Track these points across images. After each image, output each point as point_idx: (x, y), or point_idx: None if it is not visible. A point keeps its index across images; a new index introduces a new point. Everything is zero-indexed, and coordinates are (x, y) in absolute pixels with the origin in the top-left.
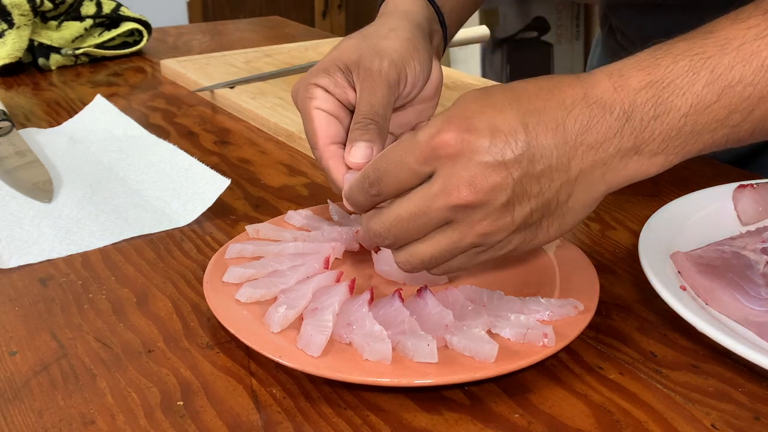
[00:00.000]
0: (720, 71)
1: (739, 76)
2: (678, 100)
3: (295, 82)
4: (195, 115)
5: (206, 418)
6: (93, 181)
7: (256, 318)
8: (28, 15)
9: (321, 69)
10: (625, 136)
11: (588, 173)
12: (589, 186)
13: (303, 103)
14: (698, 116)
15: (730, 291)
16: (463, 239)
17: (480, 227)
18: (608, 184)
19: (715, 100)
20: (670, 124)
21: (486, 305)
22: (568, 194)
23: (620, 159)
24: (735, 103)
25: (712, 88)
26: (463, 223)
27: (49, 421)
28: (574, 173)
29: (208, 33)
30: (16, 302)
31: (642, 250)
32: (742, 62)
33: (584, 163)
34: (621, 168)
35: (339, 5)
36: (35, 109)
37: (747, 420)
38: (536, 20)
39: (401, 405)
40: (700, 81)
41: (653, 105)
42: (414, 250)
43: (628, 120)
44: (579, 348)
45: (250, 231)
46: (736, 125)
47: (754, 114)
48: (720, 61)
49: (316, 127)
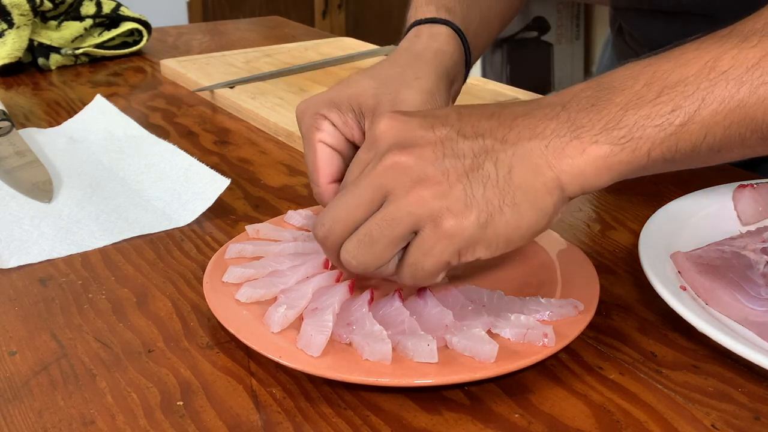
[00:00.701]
0: (659, 75)
1: (678, 78)
2: (617, 97)
3: (302, 103)
4: (195, 115)
5: (206, 418)
6: (93, 181)
7: (256, 318)
8: (28, 15)
9: (333, 102)
10: (561, 121)
11: (526, 149)
12: (533, 165)
13: (308, 131)
14: (638, 110)
15: (731, 291)
16: (399, 208)
17: (414, 191)
18: (555, 171)
19: (654, 96)
20: (608, 114)
21: (486, 305)
22: (507, 166)
23: (558, 140)
24: (677, 100)
25: (651, 87)
26: (397, 191)
27: (48, 421)
28: (511, 142)
29: (208, 33)
30: (16, 302)
31: (642, 250)
32: (682, 66)
33: (521, 137)
34: (561, 150)
35: (339, 5)
36: (35, 109)
37: (747, 420)
38: (536, 20)
39: (401, 405)
40: (639, 83)
41: (591, 98)
42: (353, 235)
43: (564, 109)
44: (579, 348)
45: (250, 231)
46: (682, 125)
47: (701, 114)
48: (659, 67)
49: (319, 162)
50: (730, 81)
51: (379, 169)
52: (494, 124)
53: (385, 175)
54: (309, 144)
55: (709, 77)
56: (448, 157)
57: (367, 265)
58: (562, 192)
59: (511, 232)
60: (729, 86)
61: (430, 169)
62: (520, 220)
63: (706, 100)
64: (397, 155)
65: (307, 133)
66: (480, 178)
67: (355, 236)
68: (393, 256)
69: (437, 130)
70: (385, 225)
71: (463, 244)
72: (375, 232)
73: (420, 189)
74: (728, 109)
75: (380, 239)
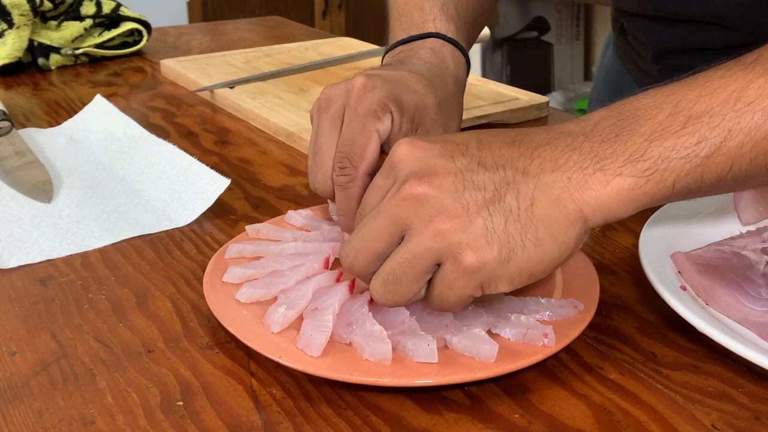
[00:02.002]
0: (684, 104)
1: (704, 108)
2: (641, 127)
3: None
4: (195, 115)
5: (206, 418)
6: (93, 181)
7: (256, 318)
8: (28, 15)
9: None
10: (584, 152)
11: (548, 181)
12: (555, 197)
13: (368, 116)
14: (663, 141)
15: (731, 291)
16: (419, 243)
17: (433, 225)
18: (578, 203)
19: (680, 128)
20: (632, 146)
21: (486, 305)
22: (529, 199)
23: (581, 172)
24: (702, 132)
25: (677, 117)
26: (416, 225)
27: (48, 422)
28: (533, 174)
29: (208, 33)
30: (16, 302)
31: (642, 250)
32: (708, 95)
33: (542, 169)
34: (584, 182)
35: (339, 5)
36: (35, 109)
37: (747, 420)
38: (536, 20)
39: (401, 405)
40: (663, 112)
41: (614, 129)
42: (378, 274)
43: (587, 139)
44: (579, 348)
45: (250, 231)
46: (708, 156)
47: (727, 146)
48: (684, 96)
49: (368, 151)
50: (756, 112)
51: (397, 200)
52: (515, 154)
53: (403, 207)
54: (364, 130)
55: (735, 108)
56: (468, 189)
57: (396, 301)
58: (584, 224)
59: (534, 266)
60: (756, 117)
61: (449, 201)
62: (543, 254)
63: (733, 131)
64: (415, 185)
65: (366, 117)
66: (501, 211)
67: (380, 275)
68: (420, 289)
69: (457, 159)
70: (406, 263)
71: (485, 279)
72: (397, 270)
73: (439, 222)
74: (755, 141)
75: (404, 277)
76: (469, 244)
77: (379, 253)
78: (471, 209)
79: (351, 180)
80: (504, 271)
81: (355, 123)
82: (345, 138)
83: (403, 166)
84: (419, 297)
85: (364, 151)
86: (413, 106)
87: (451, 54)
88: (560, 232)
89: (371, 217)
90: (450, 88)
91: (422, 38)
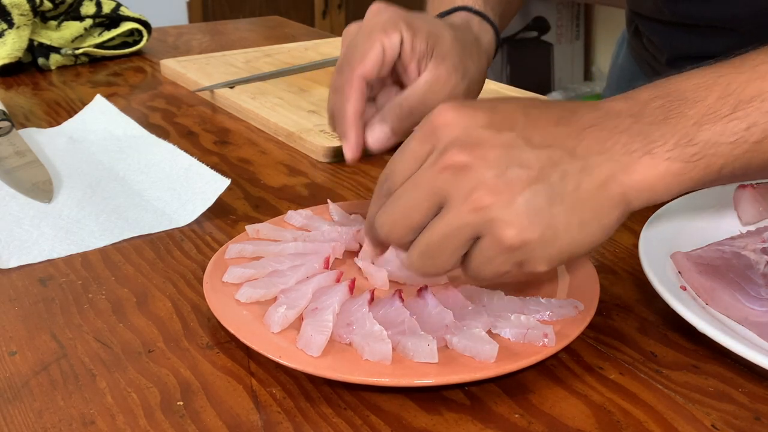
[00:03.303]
0: (734, 87)
1: (755, 91)
2: (689, 110)
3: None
4: (195, 115)
5: (206, 418)
6: (93, 181)
7: (256, 318)
8: (28, 15)
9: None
10: (633, 134)
11: (595, 163)
12: (601, 180)
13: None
14: (712, 126)
15: (731, 291)
16: (458, 217)
17: (473, 199)
18: (623, 186)
19: (729, 112)
20: (681, 130)
21: (486, 305)
22: (576, 181)
23: (629, 155)
24: (754, 117)
25: (726, 101)
26: (455, 197)
27: (48, 422)
28: (580, 156)
29: (208, 33)
30: (16, 302)
31: (642, 250)
32: (759, 79)
33: (590, 151)
34: (632, 166)
35: (339, 5)
36: (35, 109)
37: (747, 420)
38: (536, 20)
39: (401, 405)
40: (712, 95)
41: (662, 111)
42: (416, 241)
43: (636, 121)
44: (579, 348)
45: (250, 231)
46: (758, 141)
47: None
48: (734, 78)
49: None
50: None
51: (437, 169)
52: (562, 133)
53: (442, 177)
54: (369, 39)
55: None
56: (512, 166)
57: (432, 273)
58: (627, 206)
59: (575, 249)
60: None
61: (491, 175)
62: (585, 237)
63: None
64: (457, 154)
65: (373, 30)
66: (546, 191)
67: (417, 247)
68: (457, 262)
69: (504, 133)
70: (444, 237)
71: (524, 258)
72: (435, 243)
73: (480, 197)
74: None
75: (441, 251)
76: (511, 221)
77: (417, 224)
78: (514, 186)
79: (346, 83)
80: (544, 252)
81: (362, 36)
82: (349, 47)
83: (445, 133)
84: (455, 267)
85: (363, 56)
86: (426, 30)
87: (478, 23)
88: (603, 215)
89: (409, 187)
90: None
91: (450, 13)
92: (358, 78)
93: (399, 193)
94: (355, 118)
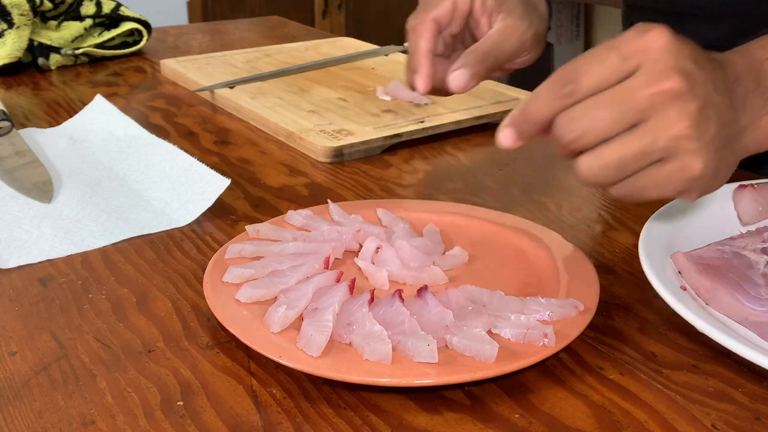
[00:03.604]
0: None
1: None
2: None
3: None
4: (195, 115)
5: (206, 418)
6: (93, 181)
7: (256, 318)
8: (28, 15)
9: None
10: (757, 97)
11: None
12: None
13: None
14: None
15: (731, 291)
16: (655, 142)
17: (680, 127)
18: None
19: None
20: None
21: (486, 305)
22: (734, 129)
23: (756, 113)
24: None
25: None
26: (658, 122)
27: (49, 422)
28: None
29: (208, 33)
30: (16, 302)
31: (642, 250)
32: None
33: (736, 103)
34: (758, 123)
35: (339, 5)
36: (35, 109)
37: (747, 420)
38: None
39: (401, 405)
40: None
41: None
42: (600, 152)
43: (758, 85)
44: (579, 348)
45: (250, 231)
46: None
47: None
48: None
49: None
50: None
51: (654, 90)
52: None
53: (657, 99)
54: None
55: None
56: (709, 104)
57: (602, 183)
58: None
59: (716, 187)
60: None
61: (694, 107)
62: (724, 179)
63: None
64: (680, 82)
65: None
66: (724, 134)
67: (603, 158)
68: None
69: (704, 71)
70: (641, 154)
71: (691, 187)
72: (629, 158)
73: (685, 126)
74: None
75: (629, 167)
76: (702, 155)
77: (610, 136)
78: (709, 124)
79: (419, 23)
80: (705, 186)
81: None
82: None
83: (661, 56)
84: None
85: (438, 5)
86: None
87: None
88: (736, 161)
89: (615, 99)
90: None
91: None
92: (431, 20)
93: (596, 102)
94: (426, 52)
